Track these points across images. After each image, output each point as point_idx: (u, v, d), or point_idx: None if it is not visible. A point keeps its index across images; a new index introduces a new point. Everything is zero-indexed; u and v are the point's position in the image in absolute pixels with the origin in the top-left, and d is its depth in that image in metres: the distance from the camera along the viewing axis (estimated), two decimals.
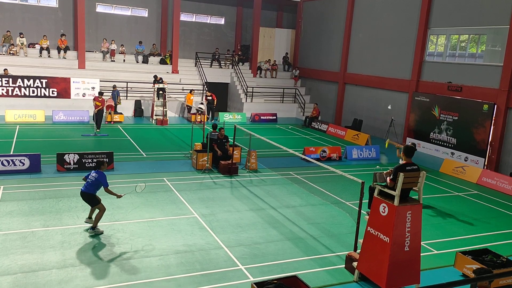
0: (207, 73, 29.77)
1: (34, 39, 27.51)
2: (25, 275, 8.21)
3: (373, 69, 25.75)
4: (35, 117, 22.57)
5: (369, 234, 8.47)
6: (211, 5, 32.76)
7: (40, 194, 12.36)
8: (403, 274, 8.21)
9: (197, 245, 9.89)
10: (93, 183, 10.08)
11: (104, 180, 10.08)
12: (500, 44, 19.34)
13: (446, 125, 20.88)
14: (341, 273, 9.06)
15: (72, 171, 14.57)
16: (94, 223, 10.18)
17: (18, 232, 9.95)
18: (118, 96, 24.62)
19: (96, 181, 10.07)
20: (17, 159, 14.10)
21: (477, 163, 19.18)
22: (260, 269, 9.01)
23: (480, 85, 19.57)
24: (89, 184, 10.09)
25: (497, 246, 10.84)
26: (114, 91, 24.50)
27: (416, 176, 8.11)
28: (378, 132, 24.97)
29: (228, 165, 15.49)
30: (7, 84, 23.50)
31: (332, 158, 18.82)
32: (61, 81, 24.63)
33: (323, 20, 30.23)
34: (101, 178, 10.08)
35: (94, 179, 10.08)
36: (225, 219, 11.45)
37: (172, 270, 8.73)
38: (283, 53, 33.91)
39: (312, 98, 31.40)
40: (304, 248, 10.14)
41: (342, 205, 13.11)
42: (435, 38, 22.55)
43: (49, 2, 28.48)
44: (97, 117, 20.59)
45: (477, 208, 14.09)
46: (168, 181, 14.23)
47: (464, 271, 9.11)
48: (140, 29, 30.83)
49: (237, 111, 29.31)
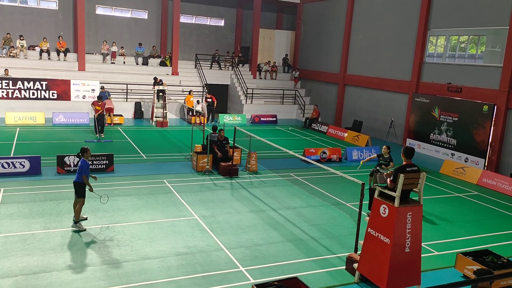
0: (207, 74, 29.79)
1: (34, 41, 27.54)
2: (25, 277, 8.20)
3: (373, 70, 25.76)
4: (35, 119, 22.57)
5: (370, 235, 8.47)
6: (211, 7, 32.80)
7: (40, 196, 12.36)
8: (403, 275, 8.20)
9: (198, 247, 9.88)
10: (78, 171, 10.40)
11: (83, 167, 10.31)
12: (500, 45, 19.35)
13: (446, 126, 20.88)
14: (341, 275, 9.05)
15: (72, 173, 14.48)
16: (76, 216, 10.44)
17: (18, 235, 9.94)
18: (109, 97, 24.13)
19: (79, 169, 10.34)
20: (17, 161, 14.10)
21: (477, 164, 19.18)
22: (260, 270, 9.01)
23: (480, 86, 19.57)
24: (77, 173, 10.46)
25: (497, 247, 10.83)
26: (103, 92, 23.73)
27: (416, 177, 8.11)
28: (378, 133, 24.97)
29: (228, 167, 15.49)
30: (7, 87, 23.53)
31: (332, 159, 18.82)
32: (61, 83, 24.66)
33: (323, 22, 30.26)
34: (82, 165, 10.35)
35: (78, 166, 10.43)
36: (226, 221, 11.45)
37: (173, 272, 8.72)
38: (283, 54, 33.93)
39: (312, 99, 31.42)
40: (305, 249, 10.13)
41: (343, 207, 13.11)
42: (435, 39, 22.56)
43: (49, 4, 28.52)
44: (99, 122, 20.05)
45: (478, 209, 14.08)
46: (168, 183, 14.23)
47: (465, 272, 9.11)
48: (140, 31, 30.86)
49: (237, 113, 29.32)
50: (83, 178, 10.33)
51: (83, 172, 10.32)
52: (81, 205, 10.50)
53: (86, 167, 10.39)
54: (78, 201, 10.48)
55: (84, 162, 10.41)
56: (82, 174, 10.32)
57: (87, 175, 10.42)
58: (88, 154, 10.59)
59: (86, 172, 10.39)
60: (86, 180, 10.36)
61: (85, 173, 10.33)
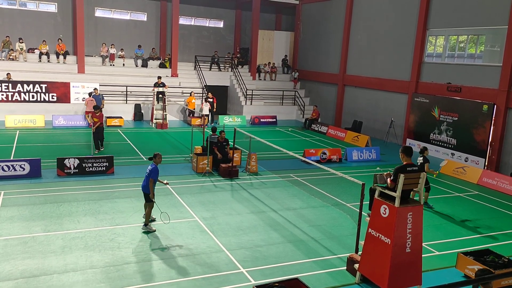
0: (207, 76, 29.80)
1: (34, 44, 27.56)
2: (26, 280, 8.20)
3: (372, 70, 25.77)
4: (35, 122, 22.58)
5: (370, 235, 8.46)
6: (210, 9, 32.82)
7: (40, 199, 12.36)
8: (404, 275, 8.20)
9: (198, 248, 9.88)
10: (146, 176, 10.59)
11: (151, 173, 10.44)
12: (499, 44, 19.36)
13: (446, 126, 20.89)
14: (342, 275, 9.05)
15: (72, 176, 14.57)
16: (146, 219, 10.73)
17: (19, 238, 9.94)
18: (103, 100, 24.01)
19: (148, 173, 10.51)
20: (18, 164, 14.10)
21: (477, 163, 19.18)
22: (261, 271, 9.00)
23: (480, 85, 19.58)
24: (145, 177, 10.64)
25: (498, 246, 10.83)
26: (97, 95, 23.53)
27: (417, 177, 8.11)
28: (378, 134, 24.97)
29: (228, 168, 15.49)
30: (7, 90, 23.54)
31: (332, 160, 18.81)
32: (61, 85, 24.67)
33: (322, 22, 30.28)
34: (151, 169, 10.48)
35: (147, 172, 10.59)
36: (226, 222, 11.45)
37: (174, 274, 8.71)
38: (282, 55, 33.95)
39: (312, 100, 31.42)
40: (305, 250, 10.13)
41: (343, 207, 13.10)
42: (434, 39, 22.57)
43: (48, 7, 28.53)
44: (99, 136, 17.67)
45: (478, 209, 14.08)
46: (168, 185, 14.19)
47: (466, 272, 9.11)
48: (139, 33, 30.87)
49: (237, 114, 29.32)
50: (150, 182, 10.37)
51: (151, 176, 10.39)
52: (150, 208, 10.64)
53: (155, 171, 10.43)
54: (147, 205, 10.67)
55: (154, 167, 10.47)
56: (149, 177, 10.39)
57: (155, 179, 10.47)
58: (158, 159, 10.63)
59: (154, 176, 10.43)
60: (151, 184, 10.40)
61: (153, 177, 10.40)
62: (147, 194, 10.53)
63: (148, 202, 10.61)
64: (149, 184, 10.38)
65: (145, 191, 10.59)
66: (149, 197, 10.53)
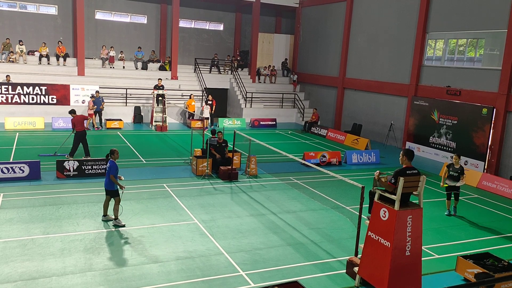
0: (206, 79, 29.82)
1: (34, 46, 27.58)
2: (25, 282, 8.18)
3: (372, 73, 25.80)
4: (34, 124, 22.58)
5: (370, 239, 8.45)
6: (210, 12, 32.86)
7: (40, 201, 12.34)
8: (404, 278, 8.19)
9: (198, 251, 9.86)
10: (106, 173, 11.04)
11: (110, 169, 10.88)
12: (499, 48, 19.39)
13: (446, 129, 20.90)
14: (342, 278, 9.03)
15: (71, 178, 14.56)
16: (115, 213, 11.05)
17: (18, 240, 9.92)
18: (102, 102, 24.01)
19: (108, 170, 10.94)
20: (17, 166, 14.09)
21: (477, 166, 19.18)
22: (261, 275, 8.99)
23: (479, 89, 19.60)
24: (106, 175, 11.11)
25: (498, 250, 10.82)
26: (98, 97, 23.55)
27: (417, 180, 8.11)
28: (378, 137, 24.98)
29: (228, 171, 15.48)
30: (7, 92, 23.54)
31: (332, 163, 18.81)
32: (61, 88, 24.68)
33: (321, 25, 30.33)
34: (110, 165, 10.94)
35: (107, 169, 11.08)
36: (226, 225, 11.43)
37: (173, 277, 8.70)
38: (282, 58, 33.99)
39: (312, 103, 31.44)
40: (305, 253, 10.11)
41: (343, 210, 13.09)
42: (434, 43, 22.61)
43: (49, 9, 28.57)
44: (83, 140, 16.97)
45: (478, 212, 14.07)
46: (168, 187, 14.21)
47: (466, 275, 9.09)
48: (139, 36, 30.90)
49: (237, 117, 29.34)
50: (111, 178, 10.78)
51: (111, 172, 10.80)
52: (117, 203, 11.00)
53: (113, 168, 10.87)
54: (115, 199, 11.01)
55: (112, 163, 10.92)
56: (109, 174, 10.81)
57: (115, 175, 10.86)
58: (116, 156, 11.14)
59: (113, 172, 10.84)
60: (114, 179, 10.80)
61: (112, 173, 10.81)
62: (110, 190, 10.98)
63: (115, 196, 11.00)
64: (112, 180, 10.82)
65: (108, 188, 11.00)
66: (113, 193, 10.98)
